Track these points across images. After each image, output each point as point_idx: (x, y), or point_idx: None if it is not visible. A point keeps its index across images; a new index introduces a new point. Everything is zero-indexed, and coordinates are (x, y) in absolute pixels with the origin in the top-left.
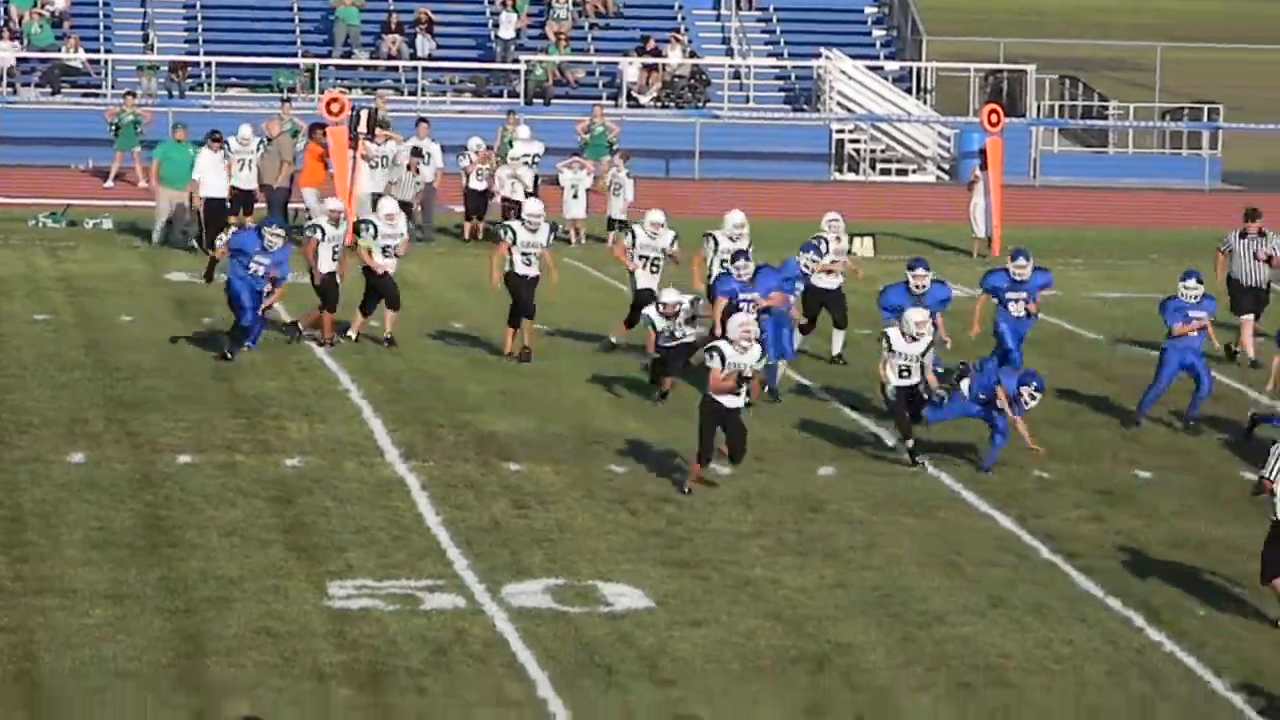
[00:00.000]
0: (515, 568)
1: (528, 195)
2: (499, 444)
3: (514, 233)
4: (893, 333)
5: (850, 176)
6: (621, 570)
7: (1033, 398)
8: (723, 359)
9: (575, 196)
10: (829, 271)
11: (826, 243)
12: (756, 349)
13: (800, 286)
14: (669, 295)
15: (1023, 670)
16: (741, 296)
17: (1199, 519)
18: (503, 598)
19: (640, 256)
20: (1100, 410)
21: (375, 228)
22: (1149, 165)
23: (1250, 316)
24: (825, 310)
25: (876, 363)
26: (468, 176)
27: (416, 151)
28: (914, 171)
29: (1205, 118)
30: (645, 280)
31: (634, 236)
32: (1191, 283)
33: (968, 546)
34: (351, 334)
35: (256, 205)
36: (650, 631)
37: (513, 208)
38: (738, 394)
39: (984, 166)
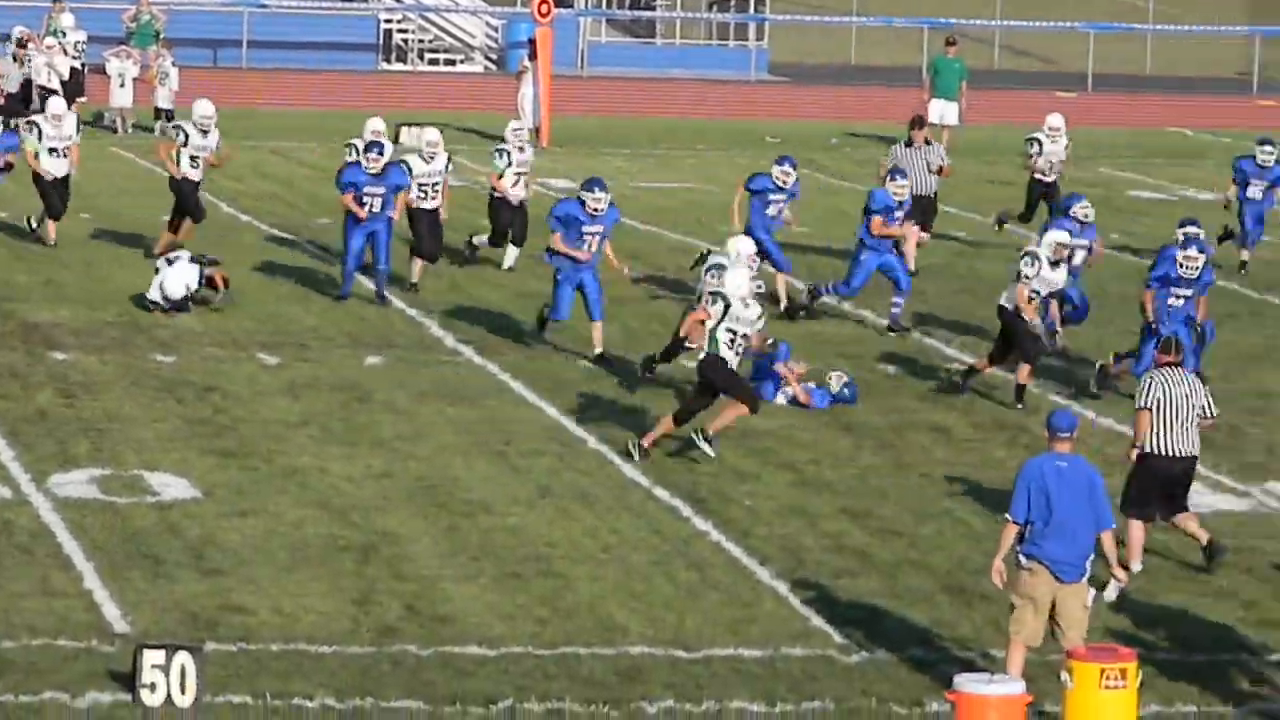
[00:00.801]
0: (62, 457)
1: (63, 83)
2: (45, 333)
3: (186, 135)
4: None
5: (398, 66)
6: (169, 460)
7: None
8: (726, 308)
9: (122, 85)
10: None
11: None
12: (757, 307)
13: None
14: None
15: (570, 559)
16: (367, 190)
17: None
18: (49, 488)
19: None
20: (647, 299)
21: (40, 130)
22: (696, 56)
23: (918, 227)
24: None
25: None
26: (16, 64)
27: (21, 43)
28: (462, 61)
29: (752, 9)
30: None
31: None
32: (1084, 204)
33: (515, 436)
34: (50, 240)
35: None
36: (197, 521)
37: (46, 96)
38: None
39: (533, 56)
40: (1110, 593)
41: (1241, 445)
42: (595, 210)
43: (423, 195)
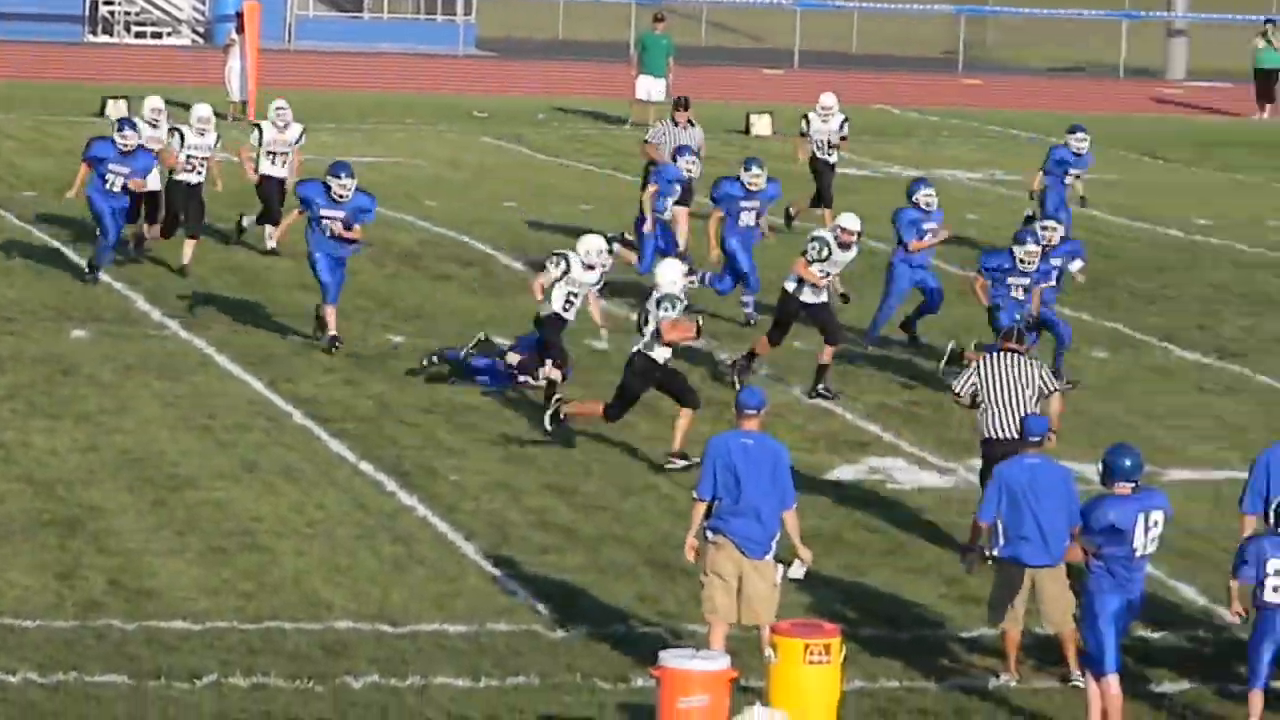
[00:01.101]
0: None
1: None
2: None
3: None
4: (574, 259)
5: (105, 39)
6: None
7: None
8: (673, 305)
9: None
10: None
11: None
12: (684, 300)
13: (678, 189)
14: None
15: (275, 534)
16: (112, 168)
17: (445, 383)
18: None
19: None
20: (352, 275)
21: None
22: (403, 31)
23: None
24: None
25: None
26: None
27: None
28: (169, 34)
29: None
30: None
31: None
32: (929, 191)
33: (220, 410)
34: None
35: None
36: None
37: None
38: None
39: (240, 30)
40: (795, 570)
41: (947, 421)
42: (340, 196)
43: (189, 168)
